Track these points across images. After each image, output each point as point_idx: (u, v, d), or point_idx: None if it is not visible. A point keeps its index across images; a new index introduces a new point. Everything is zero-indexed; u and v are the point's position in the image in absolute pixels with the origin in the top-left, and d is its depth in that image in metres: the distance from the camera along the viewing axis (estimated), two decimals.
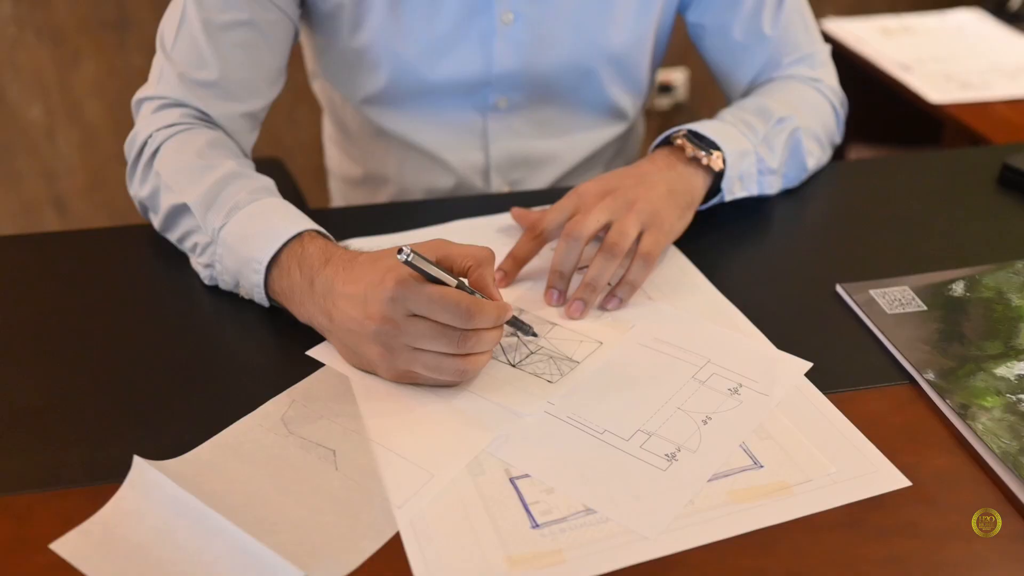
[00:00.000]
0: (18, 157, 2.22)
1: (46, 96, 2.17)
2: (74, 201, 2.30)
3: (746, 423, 0.66)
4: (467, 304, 0.64)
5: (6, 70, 2.12)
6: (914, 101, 1.60)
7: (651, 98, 2.41)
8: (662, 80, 2.41)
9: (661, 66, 1.11)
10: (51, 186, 2.28)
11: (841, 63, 1.85)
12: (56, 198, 2.30)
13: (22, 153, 2.22)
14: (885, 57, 1.71)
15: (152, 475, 0.61)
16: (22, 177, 2.25)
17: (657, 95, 2.44)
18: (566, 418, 0.67)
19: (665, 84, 2.42)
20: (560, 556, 0.56)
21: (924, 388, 0.69)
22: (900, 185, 1.01)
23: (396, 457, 0.64)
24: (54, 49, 2.12)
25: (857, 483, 0.61)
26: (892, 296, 0.79)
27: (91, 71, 2.15)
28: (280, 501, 0.61)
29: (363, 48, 0.97)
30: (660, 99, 2.45)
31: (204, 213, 0.79)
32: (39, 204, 2.28)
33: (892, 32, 1.83)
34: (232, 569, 0.56)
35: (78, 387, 0.71)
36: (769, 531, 0.58)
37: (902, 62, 1.68)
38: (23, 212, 2.28)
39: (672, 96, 2.44)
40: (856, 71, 1.77)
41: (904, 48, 1.75)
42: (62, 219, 2.31)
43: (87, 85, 2.16)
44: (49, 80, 2.15)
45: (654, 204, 0.80)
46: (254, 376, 0.73)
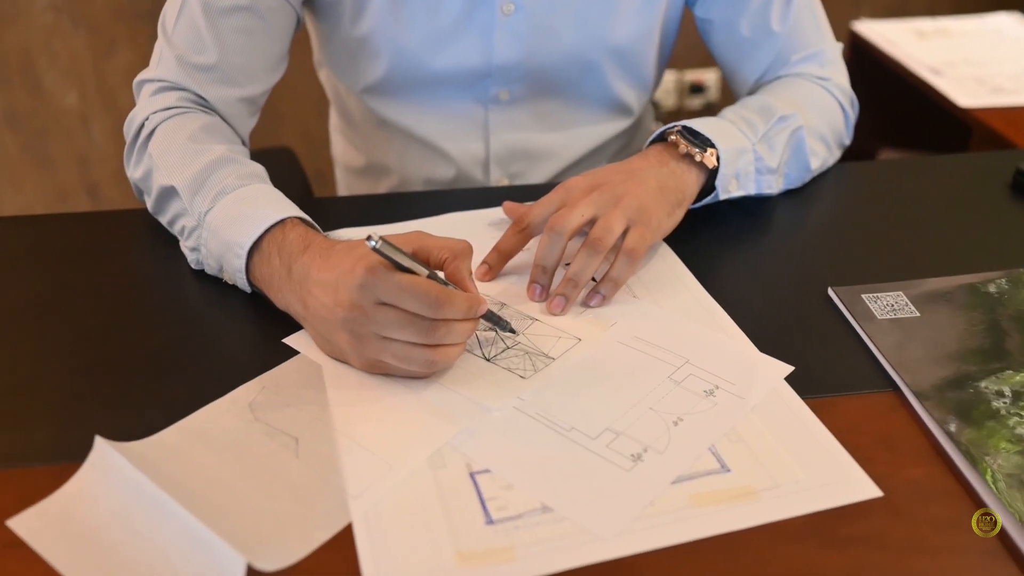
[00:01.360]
0: (53, 143, 2.26)
1: (81, 84, 2.20)
2: (106, 188, 2.34)
3: (718, 426, 0.65)
4: (436, 293, 0.63)
5: (43, 58, 2.16)
6: (943, 105, 1.56)
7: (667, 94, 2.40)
8: (694, 80, 2.39)
9: (692, 66, 1.09)
10: (84, 173, 2.32)
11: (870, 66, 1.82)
12: (89, 184, 2.34)
13: (57, 139, 2.26)
14: (915, 60, 1.67)
15: (112, 456, 0.61)
16: (56, 163, 2.29)
17: (688, 95, 2.42)
18: (534, 414, 0.66)
19: (697, 84, 2.39)
20: (511, 554, 0.55)
21: (907, 396, 0.67)
22: (908, 189, 0.99)
23: (357, 447, 0.63)
24: (90, 38, 2.15)
25: (826, 491, 0.60)
26: (885, 301, 0.76)
27: (126, 60, 2.18)
28: (238, 487, 0.60)
29: (364, 37, 0.97)
30: (692, 99, 2.43)
31: (191, 197, 0.79)
32: (73, 190, 2.33)
33: (926, 35, 1.79)
34: (181, 553, 0.55)
35: (52, 367, 0.72)
36: (730, 536, 0.57)
37: (932, 65, 1.64)
38: (57, 198, 2.32)
39: (704, 96, 2.42)
40: (886, 74, 1.73)
41: (936, 51, 1.71)
42: (94, 205, 2.35)
43: (121, 73, 2.19)
44: (85, 68, 2.19)
45: (642, 200, 0.78)
46: (230, 362, 0.72)
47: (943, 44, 1.74)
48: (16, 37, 2.13)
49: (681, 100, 2.42)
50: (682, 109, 2.44)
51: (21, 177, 2.29)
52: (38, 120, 2.23)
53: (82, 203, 2.35)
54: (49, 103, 2.21)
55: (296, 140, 2.24)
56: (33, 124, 2.23)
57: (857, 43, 1.87)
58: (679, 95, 2.43)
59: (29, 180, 2.30)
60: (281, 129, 2.27)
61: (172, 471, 0.61)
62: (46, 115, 2.22)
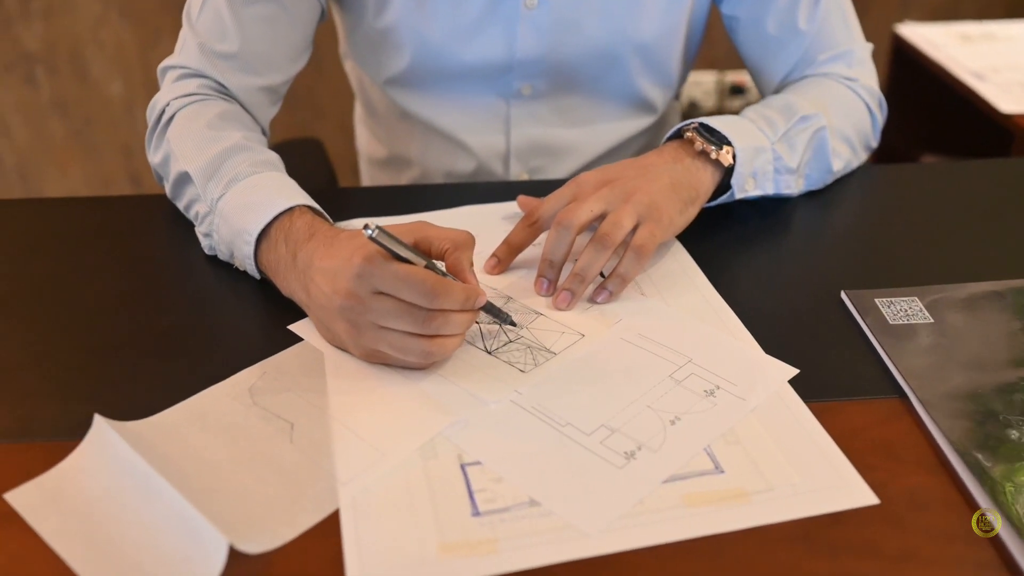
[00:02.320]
0: (98, 131, 2.31)
1: (127, 73, 2.24)
2: (149, 176, 2.36)
3: (715, 426, 0.64)
4: (432, 283, 0.63)
5: (90, 47, 2.20)
6: (985, 111, 1.52)
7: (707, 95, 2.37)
8: (735, 81, 2.36)
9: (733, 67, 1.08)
10: (128, 161, 2.36)
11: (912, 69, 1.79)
12: (132, 173, 2.38)
13: (102, 127, 2.30)
14: (958, 64, 1.63)
15: (108, 435, 0.61)
16: (101, 151, 2.34)
17: (729, 96, 2.39)
18: (531, 408, 0.65)
19: (738, 86, 2.37)
20: (494, 546, 0.55)
21: (913, 403, 0.65)
22: (933, 193, 0.96)
23: (351, 434, 0.63)
24: (136, 28, 2.19)
25: (820, 496, 0.58)
26: (898, 307, 0.74)
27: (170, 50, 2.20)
28: (230, 470, 0.61)
29: (387, 29, 0.97)
30: (732, 101, 2.40)
31: (205, 183, 0.80)
32: (116, 177, 2.37)
33: (972, 39, 1.75)
34: (167, 533, 0.56)
35: (61, 345, 0.73)
36: (718, 538, 0.56)
37: (976, 70, 1.60)
38: (101, 185, 2.37)
39: (745, 98, 2.39)
40: (928, 78, 1.70)
41: (981, 56, 1.67)
42: (137, 193, 2.39)
43: None
44: (130, 57, 2.23)
45: (653, 196, 0.77)
46: (236, 347, 0.73)
47: (988, 49, 1.70)
48: (66, 27, 2.18)
49: (721, 101, 2.40)
50: (723, 110, 2.42)
51: (67, 163, 2.34)
52: (85, 108, 2.28)
53: (125, 190, 2.39)
54: (95, 92, 2.26)
55: (335, 133, 2.25)
56: (80, 112, 2.28)
57: (900, 46, 1.83)
58: (719, 96, 2.40)
59: (74, 166, 2.35)
60: (320, 122, 2.29)
61: (167, 451, 0.62)
62: (92, 103, 2.27)
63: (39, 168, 2.34)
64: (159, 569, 0.54)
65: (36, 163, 2.34)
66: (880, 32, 2.09)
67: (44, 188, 2.36)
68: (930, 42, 1.73)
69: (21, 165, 2.34)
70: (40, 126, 2.29)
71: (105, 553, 0.55)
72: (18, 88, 2.24)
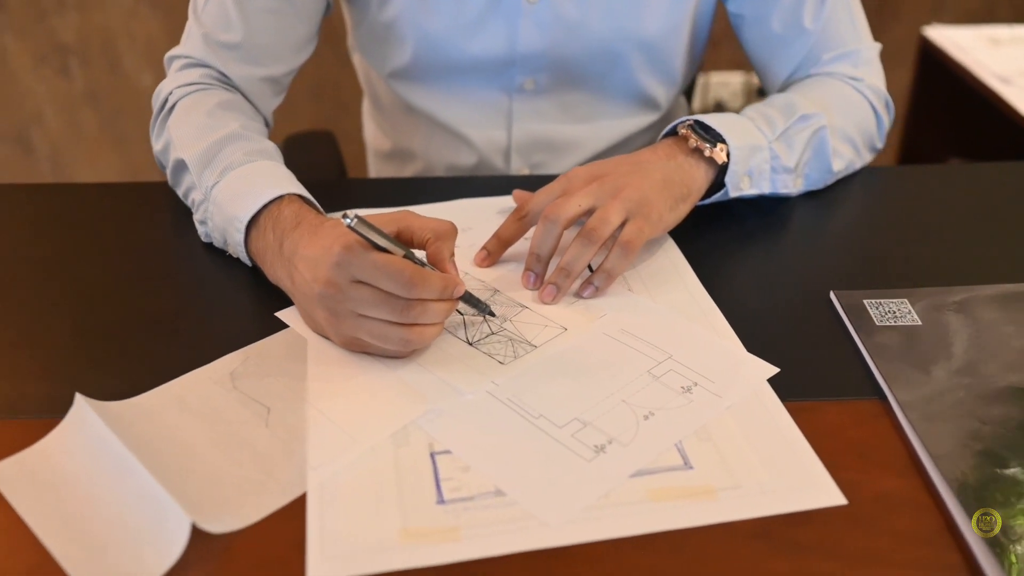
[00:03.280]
0: (128, 122, 2.35)
1: (157, 65, 2.28)
2: None
3: (689, 423, 0.63)
4: (410, 273, 0.63)
5: (122, 39, 2.24)
6: (1010, 115, 1.50)
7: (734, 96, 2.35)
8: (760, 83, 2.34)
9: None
10: None
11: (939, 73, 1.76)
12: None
13: (132, 118, 2.34)
14: (984, 68, 1.60)
15: (88, 414, 0.63)
16: (130, 141, 2.37)
17: (756, 98, 2.37)
18: (506, 400, 0.66)
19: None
20: (456, 534, 0.55)
21: (892, 405, 0.64)
22: (936, 195, 0.95)
23: (326, 420, 0.64)
24: (166, 21, 2.23)
25: (787, 495, 0.58)
26: (887, 308, 0.74)
27: None
28: (205, 452, 0.62)
29: (390, 22, 0.98)
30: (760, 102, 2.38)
31: (201, 171, 0.81)
32: (144, 168, 2.41)
33: (1000, 42, 1.72)
34: (135, 511, 0.57)
35: (52, 326, 0.74)
36: (681, 533, 0.56)
37: (1001, 74, 1.57)
38: (130, 175, 2.41)
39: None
40: (955, 82, 1.67)
41: (1009, 59, 1.64)
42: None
43: None
44: (161, 50, 2.24)
45: (643, 192, 0.77)
46: (224, 332, 0.74)
47: (1018, 52, 1.67)
48: (99, 20, 2.21)
49: (749, 102, 2.37)
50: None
51: (98, 153, 2.38)
52: (116, 99, 2.31)
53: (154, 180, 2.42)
54: (126, 83, 2.29)
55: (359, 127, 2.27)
56: (111, 103, 2.32)
57: (928, 49, 1.80)
58: (747, 98, 2.38)
59: (105, 156, 2.39)
60: (345, 115, 2.30)
61: (145, 432, 0.63)
62: (123, 95, 2.31)
63: (72, 157, 2.39)
64: (123, 547, 0.55)
65: (69, 153, 2.38)
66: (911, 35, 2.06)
67: (75, 177, 2.41)
68: (957, 45, 1.70)
69: (54, 154, 2.38)
70: (73, 116, 2.33)
71: (75, 530, 0.56)
72: (52, 79, 2.28)
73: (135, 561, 0.54)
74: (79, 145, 2.37)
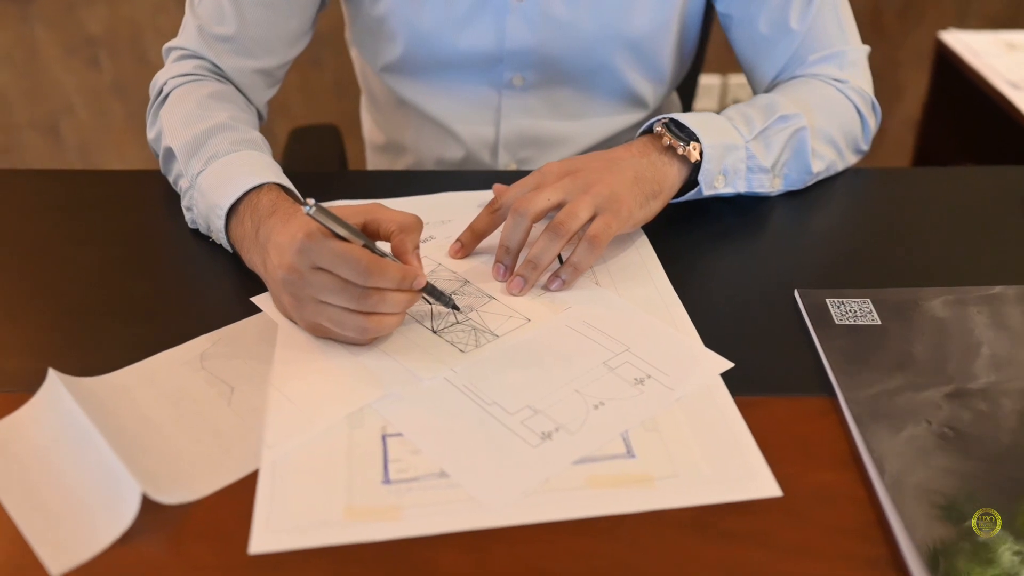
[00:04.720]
0: None
1: None
2: None
3: (637, 413, 0.65)
4: (367, 262, 0.65)
5: (149, 33, 2.29)
6: (1019, 120, 1.49)
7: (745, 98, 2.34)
8: None
9: None
10: None
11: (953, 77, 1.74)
12: None
13: None
14: (995, 73, 1.59)
15: (58, 388, 0.65)
16: None
17: None
18: (462, 387, 0.67)
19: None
20: (397, 513, 0.57)
21: (840, 402, 0.65)
22: (918, 198, 0.95)
23: (285, 400, 0.66)
24: None
25: (724, 486, 0.59)
26: (848, 307, 0.74)
27: None
28: (168, 429, 0.64)
29: (382, 17, 1.00)
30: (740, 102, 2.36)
31: (188, 159, 0.84)
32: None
33: (1017, 47, 1.70)
34: (92, 482, 0.59)
35: (36, 306, 0.77)
36: (617, 519, 0.57)
37: (1013, 79, 1.56)
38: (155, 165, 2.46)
39: None
40: (968, 87, 1.66)
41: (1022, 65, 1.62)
42: None
43: None
44: None
45: (614, 189, 0.78)
46: (200, 316, 0.76)
47: None
48: (127, 13, 2.26)
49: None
50: None
51: (125, 144, 2.43)
52: (142, 91, 2.34)
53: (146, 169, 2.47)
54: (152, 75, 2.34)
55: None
56: (138, 95, 2.37)
57: (944, 53, 1.79)
58: None
59: (131, 147, 2.44)
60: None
61: (114, 407, 0.65)
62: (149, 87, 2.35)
63: (100, 148, 2.44)
64: (79, 516, 0.57)
65: (97, 143, 2.44)
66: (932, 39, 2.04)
67: (103, 167, 2.46)
68: (971, 50, 1.69)
69: (83, 145, 2.44)
70: (101, 108, 2.39)
71: (37, 502, 0.59)
72: (81, 71, 2.33)
73: (88, 529, 0.56)
74: (107, 136, 2.42)
